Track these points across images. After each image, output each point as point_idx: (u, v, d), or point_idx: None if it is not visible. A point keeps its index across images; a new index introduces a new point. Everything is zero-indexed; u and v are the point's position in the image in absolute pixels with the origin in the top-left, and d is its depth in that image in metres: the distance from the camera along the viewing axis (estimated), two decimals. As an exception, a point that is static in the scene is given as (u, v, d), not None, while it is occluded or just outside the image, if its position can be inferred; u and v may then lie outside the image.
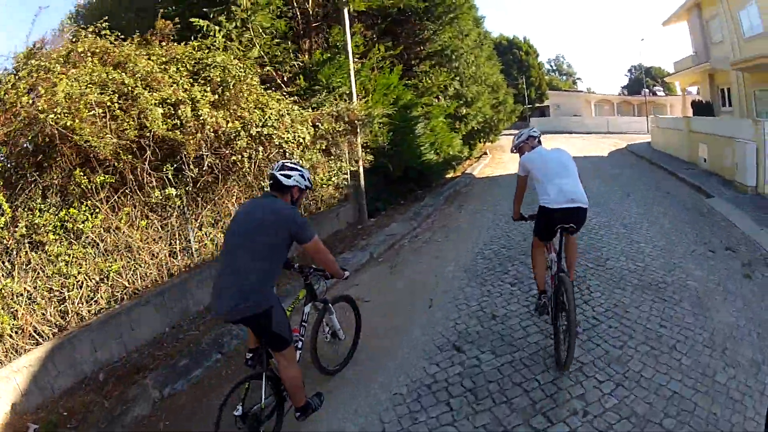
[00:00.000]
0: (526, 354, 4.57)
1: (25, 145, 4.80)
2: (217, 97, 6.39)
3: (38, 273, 4.61)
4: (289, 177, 3.37)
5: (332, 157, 9.19)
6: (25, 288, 4.46)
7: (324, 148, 8.57)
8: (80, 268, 4.90)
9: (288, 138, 7.01)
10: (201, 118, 5.78)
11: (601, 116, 50.27)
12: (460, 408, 3.83)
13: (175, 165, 5.81)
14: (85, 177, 4.98)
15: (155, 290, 5.55)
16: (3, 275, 4.40)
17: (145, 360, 5.02)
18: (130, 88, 5.29)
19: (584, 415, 3.61)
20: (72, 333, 4.66)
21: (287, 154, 7.14)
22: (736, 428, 3.43)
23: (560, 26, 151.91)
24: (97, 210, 5.13)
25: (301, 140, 7.37)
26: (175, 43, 6.74)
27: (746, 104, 19.02)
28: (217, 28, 7.87)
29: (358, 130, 9.75)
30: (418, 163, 13.59)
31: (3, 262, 4.45)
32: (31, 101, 4.69)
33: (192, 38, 7.23)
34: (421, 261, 7.93)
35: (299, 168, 3.49)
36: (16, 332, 4.36)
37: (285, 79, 9.76)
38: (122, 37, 6.12)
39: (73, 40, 5.76)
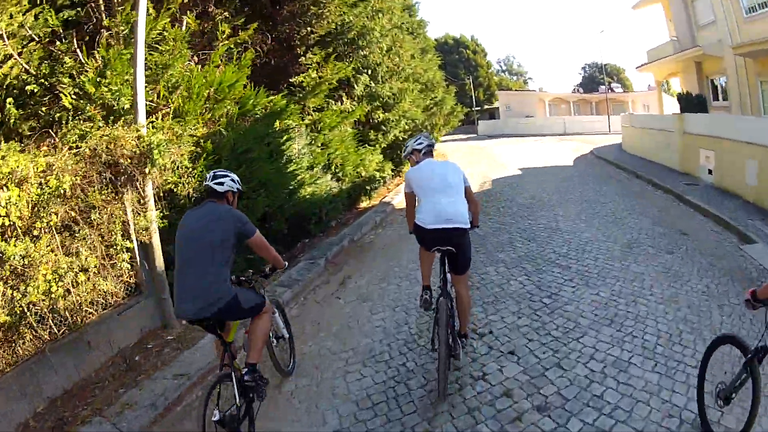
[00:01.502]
0: None
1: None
2: None
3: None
4: (222, 184, 3.60)
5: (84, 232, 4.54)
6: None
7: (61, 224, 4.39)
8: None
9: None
10: None
11: (556, 116, 46.27)
12: None
13: None
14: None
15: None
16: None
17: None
18: None
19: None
20: None
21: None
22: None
23: (510, 26, 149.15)
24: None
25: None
26: None
27: (750, 98, 14.58)
28: None
29: (148, 170, 4.93)
30: (289, 204, 8.44)
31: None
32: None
33: None
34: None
35: (229, 174, 3.70)
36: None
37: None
38: None
39: None
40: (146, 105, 5.31)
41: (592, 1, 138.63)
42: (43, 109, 5.03)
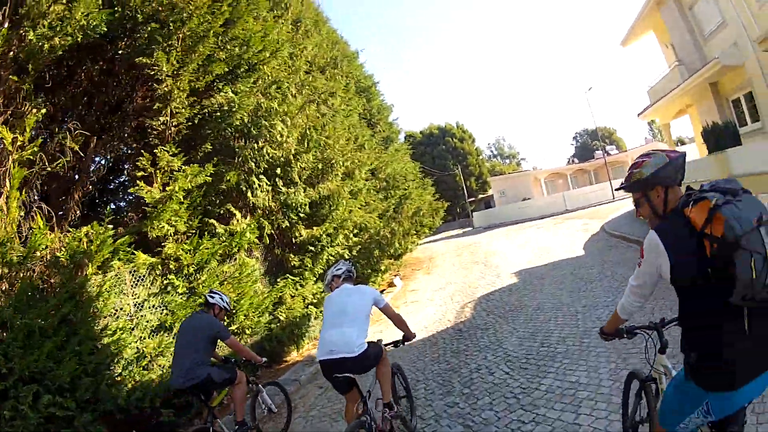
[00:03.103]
0: None
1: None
2: None
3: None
4: (212, 297, 5.16)
5: None
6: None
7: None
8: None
9: None
10: None
11: (554, 193, 42.62)
12: None
13: None
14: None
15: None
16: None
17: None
18: None
19: None
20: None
21: None
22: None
23: (495, 109, 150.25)
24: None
25: None
26: None
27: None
28: None
29: None
30: (110, 397, 5.55)
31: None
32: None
33: None
34: None
35: (220, 293, 5.25)
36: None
37: None
38: None
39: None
40: None
41: (575, 65, 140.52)
42: None
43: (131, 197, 8.02)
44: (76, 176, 7.39)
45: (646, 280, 2.38)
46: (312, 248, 9.85)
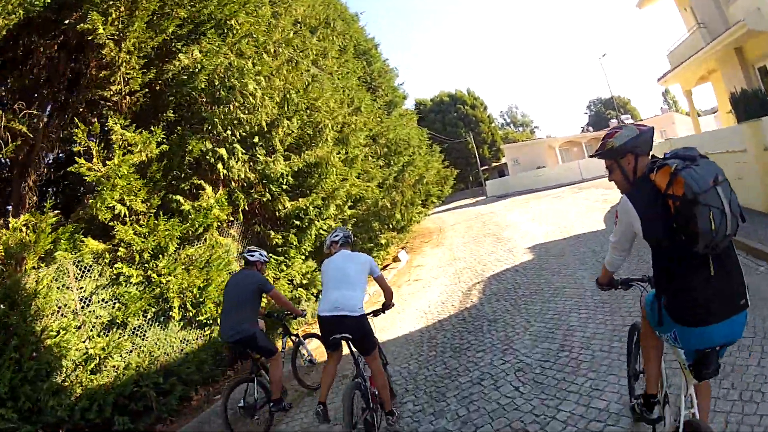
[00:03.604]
0: None
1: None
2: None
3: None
4: (252, 255, 5.39)
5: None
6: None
7: None
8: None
9: None
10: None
11: (569, 162, 40.89)
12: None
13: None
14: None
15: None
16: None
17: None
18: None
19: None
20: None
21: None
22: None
23: (507, 75, 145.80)
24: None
25: None
26: None
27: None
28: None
29: None
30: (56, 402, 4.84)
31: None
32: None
33: None
34: None
35: (258, 249, 5.54)
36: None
37: None
38: None
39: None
40: None
41: (589, 31, 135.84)
42: None
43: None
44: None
45: (621, 237, 2.68)
46: (298, 222, 8.67)
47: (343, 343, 4.17)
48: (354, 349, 4.23)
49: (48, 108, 6.97)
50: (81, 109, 7.01)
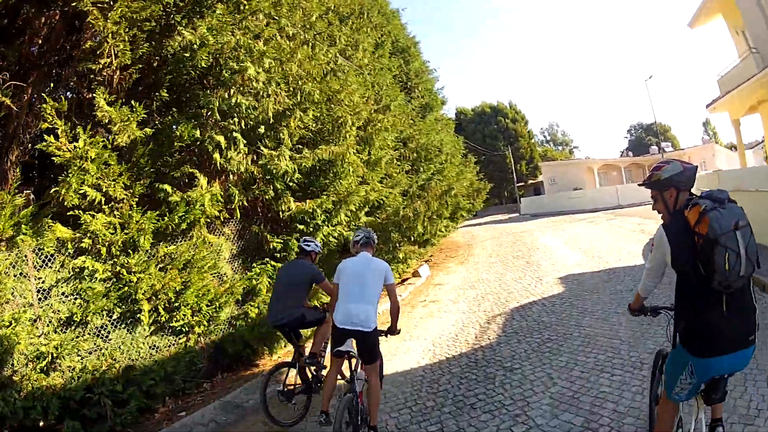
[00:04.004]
0: None
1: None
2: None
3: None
4: (309, 246, 5.69)
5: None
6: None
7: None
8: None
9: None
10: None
11: (607, 185, 39.29)
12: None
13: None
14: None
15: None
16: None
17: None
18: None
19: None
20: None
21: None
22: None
23: (550, 93, 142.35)
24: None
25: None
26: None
27: None
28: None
29: None
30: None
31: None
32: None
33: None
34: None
35: (313, 240, 5.88)
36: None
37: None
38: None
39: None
40: None
41: (635, 50, 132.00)
42: None
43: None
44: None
45: (654, 264, 2.91)
46: (302, 227, 7.73)
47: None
48: (353, 364, 4.36)
49: (48, 83, 6.27)
50: (71, 84, 6.38)
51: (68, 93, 6.58)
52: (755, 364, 4.44)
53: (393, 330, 4.44)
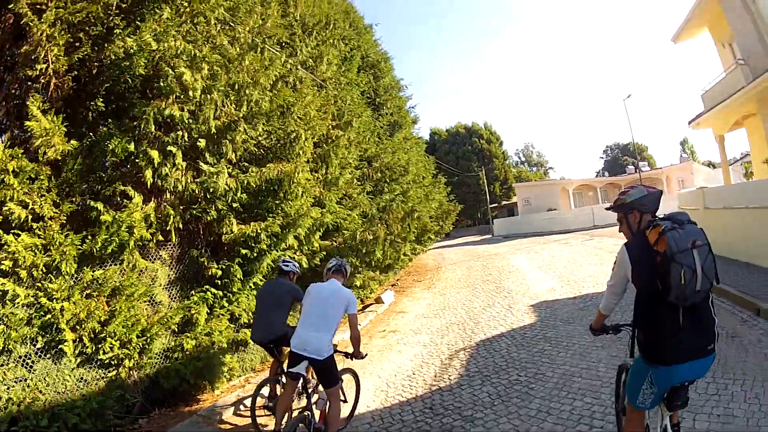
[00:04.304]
0: None
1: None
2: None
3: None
4: (287, 266, 5.91)
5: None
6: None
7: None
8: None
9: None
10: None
11: (583, 206, 39.21)
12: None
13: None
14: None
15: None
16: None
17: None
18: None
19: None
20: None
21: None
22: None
23: (526, 114, 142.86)
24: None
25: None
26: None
27: None
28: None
29: None
30: None
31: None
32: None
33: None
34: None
35: (291, 260, 6.10)
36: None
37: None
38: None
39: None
40: None
41: (612, 70, 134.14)
42: None
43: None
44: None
45: (616, 281, 3.07)
46: (245, 251, 6.96)
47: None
48: (308, 384, 4.53)
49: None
50: (14, 90, 5.72)
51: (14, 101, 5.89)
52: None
53: (357, 355, 4.60)
